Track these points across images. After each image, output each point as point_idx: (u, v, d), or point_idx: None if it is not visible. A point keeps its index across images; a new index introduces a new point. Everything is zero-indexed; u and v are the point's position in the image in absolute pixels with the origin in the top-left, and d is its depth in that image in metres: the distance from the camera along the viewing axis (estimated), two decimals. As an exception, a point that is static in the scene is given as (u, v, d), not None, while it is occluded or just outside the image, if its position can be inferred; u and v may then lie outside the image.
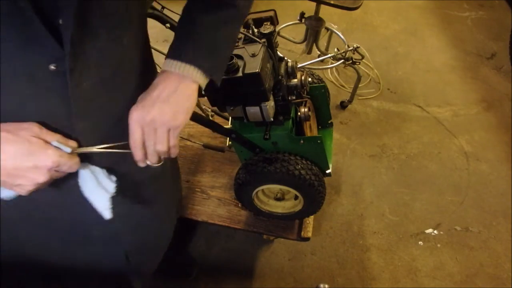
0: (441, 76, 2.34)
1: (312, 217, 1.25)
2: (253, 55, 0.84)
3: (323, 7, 1.81)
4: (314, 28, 1.93)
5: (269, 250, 1.58)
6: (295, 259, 1.56)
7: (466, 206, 1.73)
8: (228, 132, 0.98)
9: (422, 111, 2.14)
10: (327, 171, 1.10)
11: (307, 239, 1.22)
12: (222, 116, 1.42)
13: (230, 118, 1.08)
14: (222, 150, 1.35)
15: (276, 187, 1.09)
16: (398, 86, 2.26)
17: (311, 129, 1.10)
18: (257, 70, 0.81)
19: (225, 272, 1.52)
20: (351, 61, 1.85)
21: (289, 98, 0.99)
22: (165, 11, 1.15)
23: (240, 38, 0.93)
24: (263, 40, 0.89)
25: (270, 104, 0.91)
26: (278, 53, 0.97)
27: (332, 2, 1.71)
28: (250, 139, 1.02)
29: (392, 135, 2.01)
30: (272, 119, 0.95)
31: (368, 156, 1.92)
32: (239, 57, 0.84)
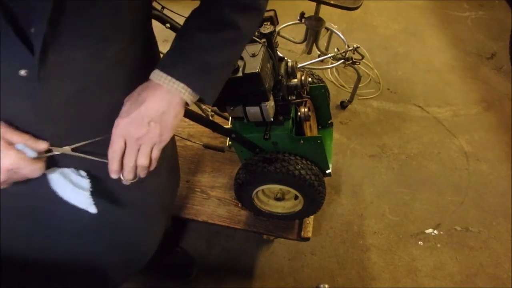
0: (441, 76, 2.34)
1: (312, 217, 1.25)
2: (253, 55, 0.84)
3: (323, 7, 1.81)
4: (314, 28, 1.93)
5: (269, 250, 1.58)
6: (295, 259, 1.56)
7: (466, 206, 1.73)
8: (228, 132, 0.98)
9: (422, 111, 2.14)
10: (327, 171, 1.10)
11: (307, 239, 1.22)
12: (222, 116, 1.42)
13: (230, 118, 1.08)
14: (222, 150, 1.35)
15: (276, 187, 1.09)
16: (398, 86, 2.26)
17: (311, 129, 1.10)
18: (257, 70, 0.81)
19: (225, 272, 1.52)
20: (351, 61, 1.85)
21: (289, 98, 0.99)
22: (165, 11, 1.15)
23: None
24: (263, 40, 0.89)
25: (270, 104, 0.91)
26: (278, 53, 0.97)
27: (332, 2, 1.71)
28: (250, 139, 1.02)
29: (392, 135, 2.01)
30: (272, 119, 0.95)
31: (368, 156, 1.92)
32: (239, 57, 0.84)
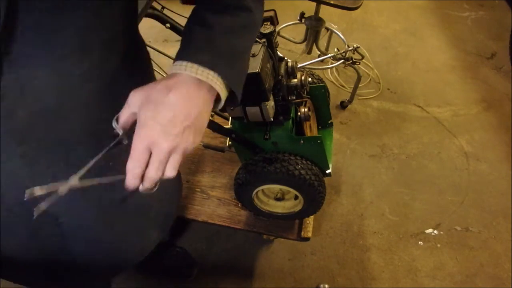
0: (441, 76, 2.34)
1: (312, 217, 1.25)
2: (253, 55, 0.84)
3: (323, 7, 1.81)
4: (314, 28, 1.93)
5: (269, 250, 1.58)
6: (295, 259, 1.56)
7: (466, 206, 1.73)
8: (228, 132, 0.98)
9: (422, 111, 2.14)
10: (327, 171, 1.10)
11: (307, 239, 1.22)
12: (222, 116, 1.42)
13: (230, 118, 1.08)
14: (222, 150, 1.35)
15: (276, 187, 1.09)
16: (398, 86, 2.26)
17: (311, 129, 1.10)
18: (257, 70, 0.81)
19: (225, 272, 1.52)
20: (351, 61, 1.84)
21: (289, 98, 0.99)
22: (165, 11, 1.15)
23: (240, 38, 0.93)
24: (263, 40, 0.89)
25: (270, 104, 0.91)
26: (278, 53, 0.97)
27: (332, 2, 1.71)
28: (250, 139, 1.02)
29: (392, 135, 2.01)
30: (272, 119, 0.95)
31: (368, 156, 1.92)
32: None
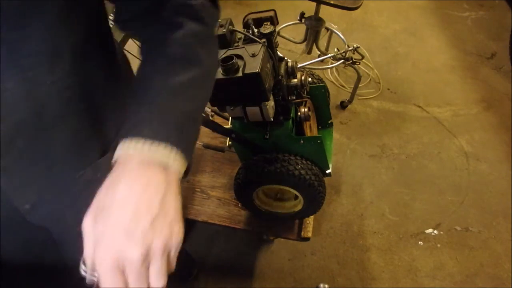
0: (441, 76, 2.34)
1: (312, 217, 1.25)
2: (253, 55, 0.84)
3: (323, 7, 1.81)
4: (314, 28, 1.93)
5: (269, 250, 1.58)
6: (295, 259, 1.56)
7: (466, 206, 1.73)
8: (228, 132, 0.98)
9: (422, 111, 2.14)
10: (327, 171, 1.10)
11: (307, 239, 1.22)
12: (222, 116, 1.42)
13: (230, 118, 1.08)
14: (222, 150, 1.34)
15: (276, 187, 1.09)
16: (398, 86, 2.26)
17: (311, 129, 1.10)
18: (257, 70, 0.81)
19: (225, 272, 1.52)
20: (351, 61, 1.84)
21: (289, 98, 0.99)
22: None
23: (240, 38, 0.93)
24: (263, 40, 0.89)
25: (270, 104, 0.91)
26: (278, 53, 0.97)
27: (332, 2, 1.71)
28: (250, 139, 1.02)
29: (392, 135, 2.01)
30: (272, 119, 0.95)
31: (368, 156, 1.92)
32: (239, 57, 0.84)
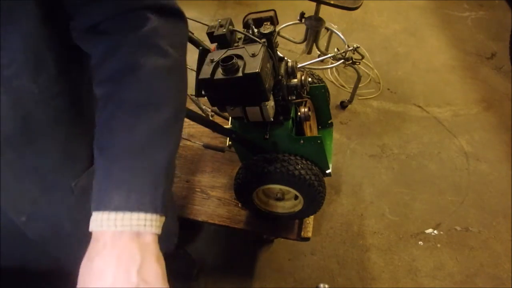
0: (441, 76, 2.34)
1: (312, 217, 1.24)
2: (253, 55, 0.84)
3: (323, 7, 1.81)
4: (314, 28, 1.93)
5: (269, 250, 1.58)
6: (295, 259, 1.56)
7: (466, 206, 1.73)
8: (228, 132, 0.98)
9: (422, 111, 2.14)
10: (327, 171, 1.10)
11: (307, 239, 1.22)
12: (222, 116, 1.41)
13: (230, 118, 1.08)
14: (222, 150, 1.35)
15: (276, 187, 1.08)
16: (398, 86, 2.26)
17: (311, 129, 1.10)
18: (257, 70, 0.81)
19: (225, 272, 1.52)
20: (351, 61, 1.84)
21: (289, 98, 0.99)
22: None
23: (240, 38, 0.93)
24: (263, 40, 0.89)
25: (270, 104, 0.91)
26: (278, 53, 0.97)
27: (332, 2, 1.71)
28: (250, 139, 1.02)
29: (392, 135, 2.01)
30: (272, 119, 0.95)
31: (368, 156, 1.92)
32: (239, 57, 0.84)
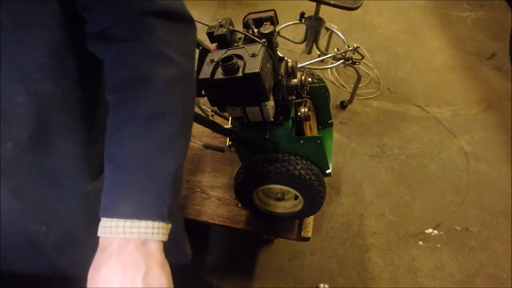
0: (441, 76, 2.34)
1: (312, 217, 1.24)
2: (253, 55, 0.84)
3: (323, 7, 1.81)
4: (314, 28, 1.93)
5: (269, 250, 1.58)
6: (295, 259, 1.56)
7: (466, 206, 1.73)
8: (228, 132, 0.98)
9: (422, 111, 2.14)
10: (327, 171, 1.10)
11: (307, 239, 1.22)
12: (222, 116, 1.42)
13: (230, 118, 1.08)
14: (222, 150, 1.35)
15: (276, 187, 1.08)
16: (398, 86, 2.26)
17: (311, 129, 1.10)
18: (257, 70, 0.81)
19: (225, 272, 1.52)
20: (351, 61, 1.84)
21: (289, 98, 0.99)
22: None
23: (240, 38, 0.93)
24: (263, 40, 0.89)
25: (270, 104, 0.91)
26: (278, 53, 0.97)
27: (332, 2, 1.71)
28: (250, 139, 1.02)
29: (392, 135, 2.01)
30: (272, 119, 0.95)
31: (368, 156, 1.92)
32: (239, 57, 0.84)
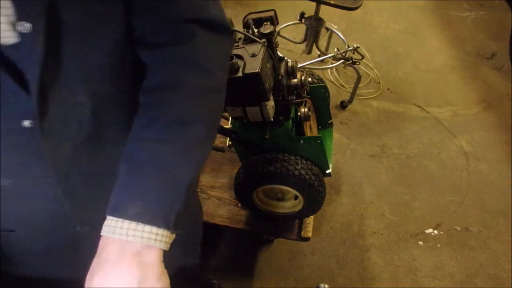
0: (441, 76, 2.34)
1: (312, 217, 1.25)
2: (253, 55, 0.84)
3: (323, 7, 1.81)
4: (314, 28, 1.93)
5: (269, 250, 1.58)
6: (295, 259, 1.56)
7: (466, 206, 1.73)
8: (228, 132, 0.99)
9: (422, 111, 2.14)
10: (327, 171, 1.10)
11: (307, 239, 1.22)
12: (222, 116, 1.42)
13: (230, 118, 1.08)
14: (222, 150, 1.35)
15: (276, 187, 1.09)
16: (398, 86, 2.26)
17: (311, 129, 1.10)
18: (257, 70, 0.81)
19: (225, 272, 1.52)
20: (351, 61, 1.84)
21: (289, 98, 0.99)
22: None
23: (240, 38, 0.93)
24: (263, 40, 0.89)
25: (270, 104, 0.91)
26: (278, 53, 0.97)
27: (332, 2, 1.71)
28: (250, 139, 1.02)
29: (392, 135, 2.01)
30: (272, 119, 0.95)
31: (368, 156, 1.92)
32: (239, 57, 0.84)
